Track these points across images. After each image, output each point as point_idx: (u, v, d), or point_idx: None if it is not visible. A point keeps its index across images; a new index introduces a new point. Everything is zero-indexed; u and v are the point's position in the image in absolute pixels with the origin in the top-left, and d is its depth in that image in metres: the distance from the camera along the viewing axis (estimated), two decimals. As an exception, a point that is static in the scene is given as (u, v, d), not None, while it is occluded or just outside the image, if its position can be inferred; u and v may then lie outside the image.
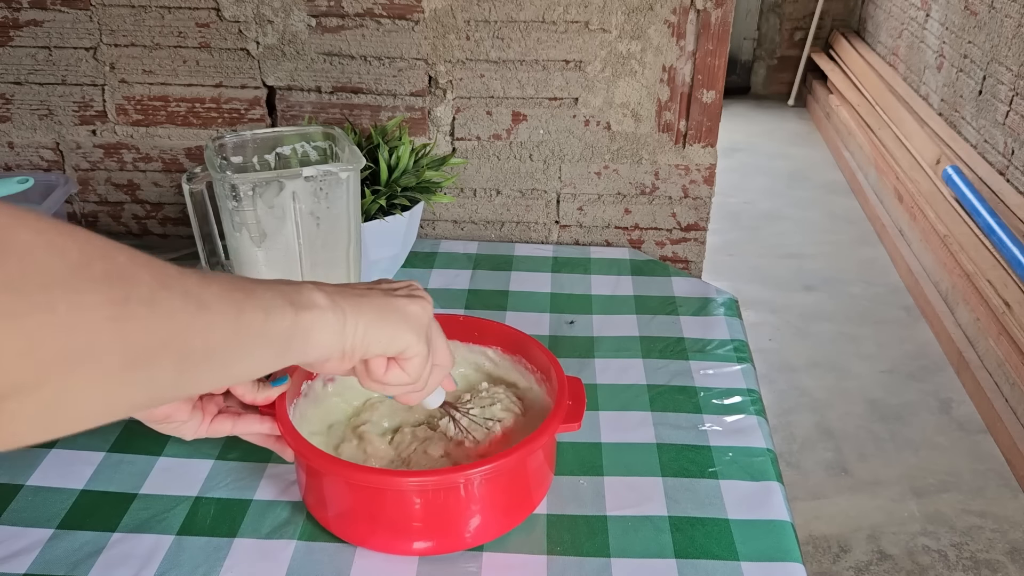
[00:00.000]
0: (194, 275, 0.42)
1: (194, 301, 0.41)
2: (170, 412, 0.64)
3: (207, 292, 0.42)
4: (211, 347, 0.42)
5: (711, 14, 1.09)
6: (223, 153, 0.88)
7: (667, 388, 0.89)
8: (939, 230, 2.63)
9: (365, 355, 0.55)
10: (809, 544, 1.83)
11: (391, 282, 0.60)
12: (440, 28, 1.11)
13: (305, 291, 0.50)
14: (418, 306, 0.57)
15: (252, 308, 0.45)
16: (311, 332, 0.50)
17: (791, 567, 0.68)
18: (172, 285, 0.40)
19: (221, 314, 0.43)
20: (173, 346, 0.39)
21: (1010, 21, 2.62)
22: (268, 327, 0.46)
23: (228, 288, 0.44)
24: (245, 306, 0.45)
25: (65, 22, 1.12)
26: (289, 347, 0.48)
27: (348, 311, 0.52)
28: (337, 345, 0.52)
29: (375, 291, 0.56)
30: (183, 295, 0.40)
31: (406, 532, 0.68)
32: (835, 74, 3.98)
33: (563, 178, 1.19)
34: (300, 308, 0.49)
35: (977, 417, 2.21)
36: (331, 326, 0.51)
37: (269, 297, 0.47)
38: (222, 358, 0.44)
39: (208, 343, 0.42)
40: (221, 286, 0.44)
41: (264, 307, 0.46)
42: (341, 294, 0.53)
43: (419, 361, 0.58)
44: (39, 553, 0.68)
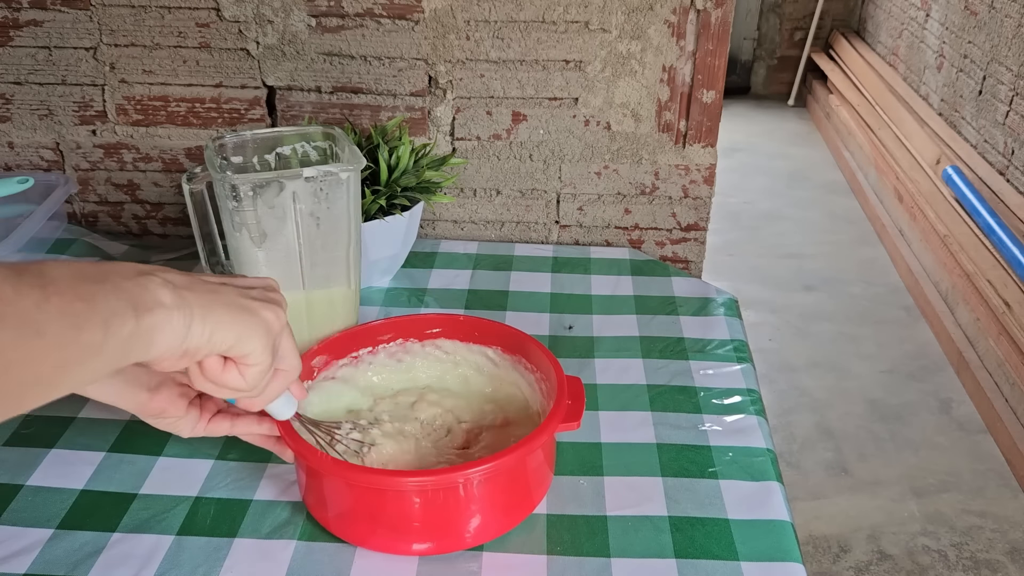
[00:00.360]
0: (34, 292, 0.40)
1: (30, 330, 0.39)
2: (164, 407, 0.64)
3: (44, 314, 0.40)
4: (44, 373, 0.41)
5: (711, 14, 1.09)
6: (223, 153, 0.88)
7: (667, 388, 0.89)
8: (939, 230, 2.63)
9: (207, 355, 0.53)
10: (809, 544, 1.83)
11: (246, 279, 0.58)
12: (440, 28, 1.11)
13: (151, 288, 0.48)
14: (271, 312, 0.55)
15: (91, 324, 0.43)
16: (153, 334, 0.48)
17: (791, 567, 0.68)
18: (6, 315, 0.38)
19: (57, 338, 0.41)
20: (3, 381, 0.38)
21: (1010, 21, 2.62)
22: (107, 340, 0.44)
23: (68, 300, 0.42)
24: (84, 322, 0.43)
25: (65, 22, 1.12)
26: (128, 353, 0.47)
27: (196, 309, 0.50)
28: (179, 345, 0.50)
29: (228, 288, 0.54)
30: (17, 326, 0.39)
31: (406, 532, 0.68)
32: (835, 74, 3.98)
33: (563, 178, 1.19)
34: (143, 311, 0.47)
35: (977, 417, 2.21)
36: (175, 326, 0.49)
37: (112, 303, 0.45)
38: (55, 379, 0.42)
39: (40, 370, 0.41)
40: (61, 300, 0.42)
41: (104, 319, 0.44)
42: (191, 289, 0.50)
43: (259, 370, 0.56)
44: (39, 553, 0.68)
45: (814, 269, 2.89)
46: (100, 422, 0.82)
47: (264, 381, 0.58)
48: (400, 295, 1.06)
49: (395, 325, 0.83)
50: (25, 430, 0.81)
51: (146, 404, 0.63)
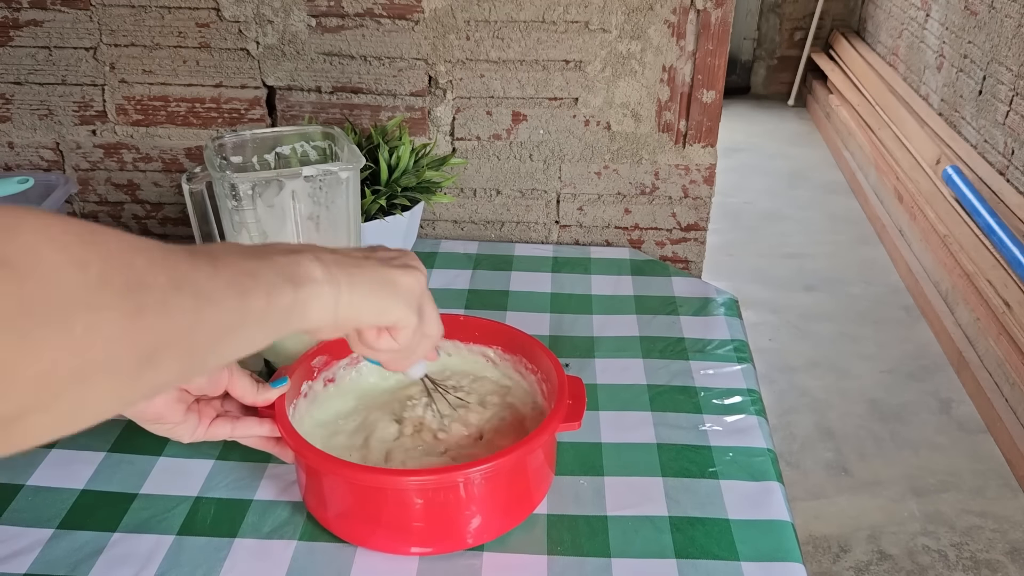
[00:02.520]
0: (205, 266, 0.43)
1: (204, 298, 0.42)
2: (162, 412, 0.64)
3: (216, 285, 0.43)
4: (216, 337, 0.44)
5: (711, 14, 1.09)
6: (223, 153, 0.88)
7: (667, 388, 0.89)
8: (939, 230, 2.63)
9: (357, 325, 0.57)
10: (809, 544, 1.83)
11: (387, 250, 0.61)
12: (440, 28, 1.11)
13: (304, 263, 0.51)
14: (412, 278, 0.58)
15: (256, 293, 0.46)
16: (308, 306, 0.50)
17: (791, 567, 0.68)
18: (184, 285, 0.41)
19: (228, 306, 0.44)
20: (181, 343, 0.41)
21: (1010, 21, 2.62)
22: (270, 309, 0.47)
23: (235, 274, 0.45)
24: (250, 292, 0.46)
25: (65, 22, 1.12)
26: (287, 323, 0.50)
27: (343, 283, 0.53)
28: (331, 317, 0.53)
29: (371, 260, 0.57)
30: (194, 295, 0.41)
31: (406, 532, 0.68)
32: (835, 74, 3.98)
33: (563, 178, 1.19)
34: (298, 284, 0.50)
35: (977, 417, 2.21)
36: (326, 299, 0.52)
37: (271, 277, 0.48)
38: (225, 344, 0.45)
39: (213, 335, 0.43)
40: (230, 273, 0.45)
41: (267, 290, 0.47)
42: (338, 264, 0.53)
43: (409, 332, 0.59)
44: (39, 553, 0.68)
45: (814, 269, 2.89)
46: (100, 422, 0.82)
47: (415, 341, 0.61)
48: (400, 295, 1.05)
49: (395, 325, 0.82)
50: (25, 430, 0.81)
51: (144, 409, 0.63)
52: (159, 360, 0.39)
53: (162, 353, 0.39)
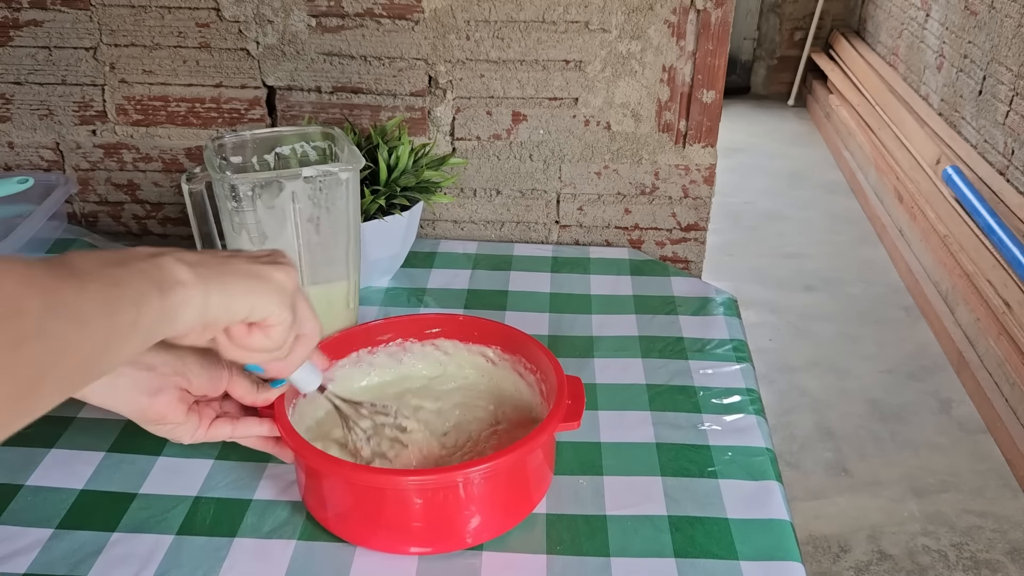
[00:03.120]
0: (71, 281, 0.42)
1: (77, 320, 0.41)
2: (165, 413, 0.64)
3: (85, 301, 0.42)
4: (90, 357, 0.43)
5: (711, 14, 1.09)
6: (222, 153, 0.88)
7: (666, 388, 0.89)
8: (939, 230, 2.63)
9: (227, 324, 0.55)
10: (809, 544, 1.83)
11: (254, 251, 0.60)
12: (440, 28, 1.11)
13: (167, 267, 0.50)
14: (283, 273, 0.57)
15: (125, 306, 0.45)
16: (176, 311, 0.49)
17: (791, 567, 0.68)
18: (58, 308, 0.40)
19: (98, 323, 0.43)
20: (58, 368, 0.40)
21: (1010, 21, 2.62)
22: (139, 320, 0.46)
23: (103, 286, 0.44)
24: (118, 305, 0.45)
25: (65, 22, 1.12)
26: (156, 330, 0.49)
27: (212, 282, 0.52)
28: (200, 318, 0.52)
29: (238, 258, 0.56)
30: (67, 317, 0.41)
31: (405, 531, 0.68)
32: (835, 74, 3.98)
33: (563, 178, 1.19)
34: (165, 290, 0.49)
35: (977, 417, 2.21)
36: (195, 301, 0.51)
37: (137, 285, 0.47)
38: (97, 362, 0.44)
39: (88, 355, 0.43)
40: (96, 286, 0.44)
41: (134, 301, 0.46)
42: (204, 264, 0.52)
43: (282, 329, 0.58)
44: (39, 553, 0.68)
45: (814, 269, 2.89)
46: (100, 422, 0.82)
47: (289, 340, 0.60)
48: (400, 295, 1.06)
49: (394, 325, 0.83)
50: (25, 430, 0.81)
51: (146, 409, 0.63)
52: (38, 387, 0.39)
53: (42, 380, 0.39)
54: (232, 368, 0.68)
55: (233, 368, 0.68)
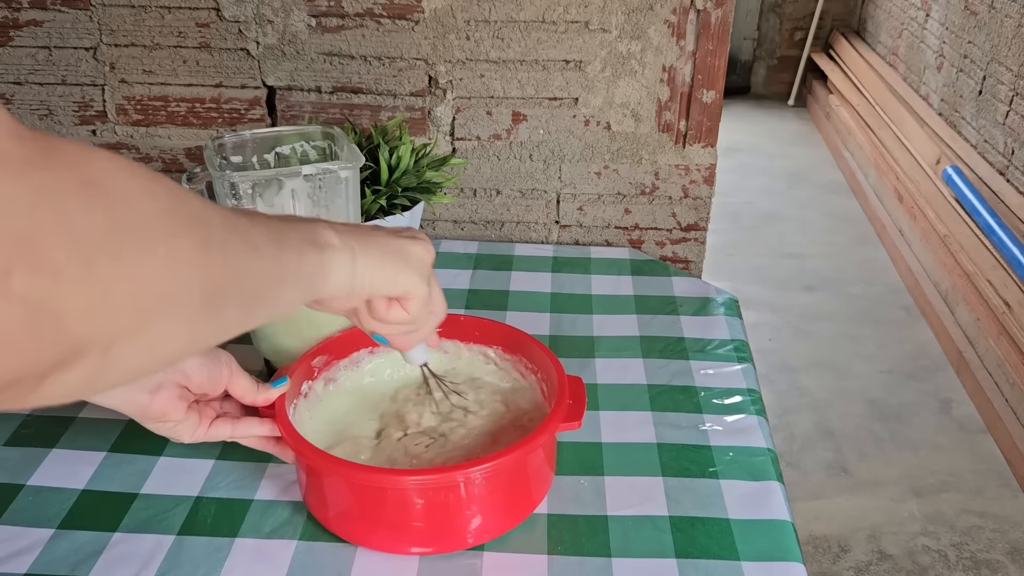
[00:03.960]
0: (244, 216, 0.44)
1: (251, 244, 0.43)
2: (165, 410, 0.64)
3: (257, 235, 0.44)
4: (264, 286, 0.45)
5: (711, 14, 1.09)
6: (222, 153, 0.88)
7: (667, 388, 0.89)
8: (939, 230, 2.63)
9: (370, 294, 0.57)
10: (809, 544, 1.83)
11: (392, 227, 0.61)
12: (440, 28, 1.11)
13: (319, 230, 0.52)
14: (422, 247, 0.59)
15: (289, 250, 0.47)
16: (328, 271, 0.51)
17: (791, 567, 0.68)
18: (234, 228, 0.42)
19: (269, 256, 0.45)
20: (238, 286, 0.42)
21: (1010, 21, 2.62)
22: (300, 268, 0.49)
23: (269, 230, 0.46)
24: (284, 248, 0.47)
25: (65, 22, 1.12)
26: (312, 286, 0.51)
27: (358, 250, 0.54)
28: (347, 283, 0.53)
29: (380, 232, 0.58)
30: (243, 238, 0.43)
31: (406, 531, 0.68)
32: (835, 74, 3.98)
33: (563, 178, 1.19)
34: (320, 248, 0.51)
35: (977, 417, 2.21)
36: (344, 264, 0.53)
37: (297, 238, 0.49)
38: (270, 297, 0.46)
39: (262, 283, 0.45)
40: (265, 228, 0.46)
41: (297, 249, 0.48)
42: (351, 233, 0.54)
43: (420, 302, 0.59)
44: (39, 553, 0.68)
45: (814, 269, 2.89)
46: (101, 422, 0.82)
47: (424, 313, 0.61)
48: (400, 295, 1.05)
49: (395, 325, 0.82)
50: (25, 430, 0.81)
51: (147, 407, 0.63)
52: (221, 301, 0.40)
53: (223, 294, 0.40)
54: (232, 367, 0.68)
55: (233, 367, 0.68)
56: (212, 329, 0.41)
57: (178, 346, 0.39)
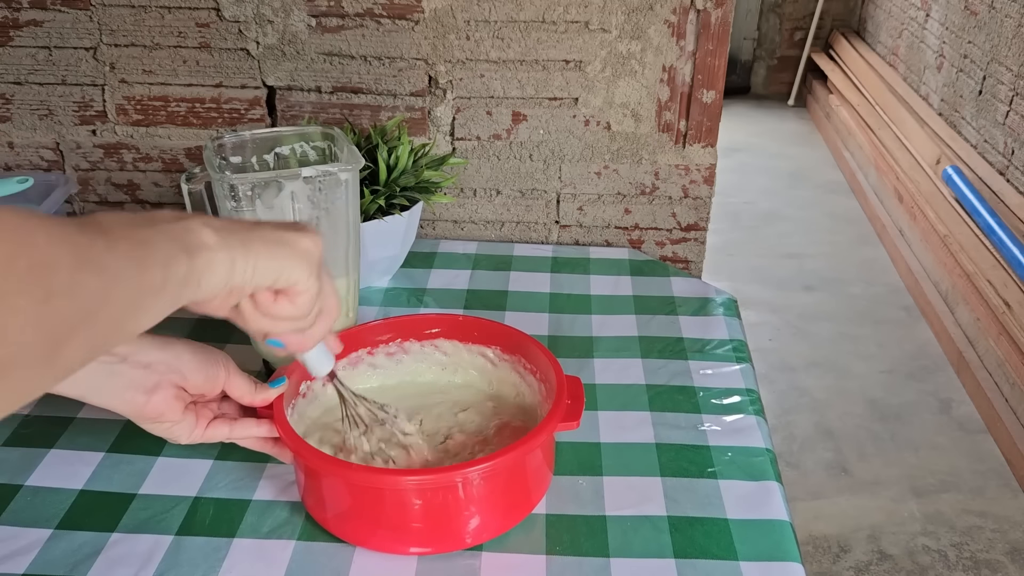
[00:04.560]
0: (101, 238, 0.42)
1: (107, 276, 0.41)
2: (162, 410, 0.64)
3: (116, 259, 0.42)
4: (120, 314, 0.43)
5: (711, 14, 1.09)
6: (222, 153, 0.88)
7: (666, 388, 0.89)
8: (939, 230, 2.63)
9: (254, 287, 0.54)
10: (809, 544, 1.83)
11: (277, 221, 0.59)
12: (440, 28, 1.11)
13: (193, 230, 0.49)
14: (309, 240, 0.56)
15: (152, 265, 0.45)
16: (203, 275, 0.49)
17: (791, 567, 0.68)
18: (87, 263, 0.40)
19: (127, 281, 0.43)
20: (88, 324, 0.40)
21: (1010, 21, 2.62)
22: (167, 281, 0.46)
23: (132, 245, 0.44)
24: (147, 264, 0.45)
25: (65, 22, 1.12)
26: (182, 294, 0.48)
27: (237, 247, 0.51)
28: (226, 283, 0.51)
29: (263, 226, 0.55)
30: (97, 273, 0.40)
31: (405, 532, 0.68)
32: (835, 74, 3.98)
33: (563, 178, 1.19)
34: (192, 252, 0.48)
35: (977, 417, 2.21)
36: (222, 265, 0.50)
37: (165, 247, 0.47)
38: (128, 320, 0.44)
39: (118, 312, 0.42)
40: (127, 245, 0.43)
41: (162, 261, 0.46)
42: (229, 230, 0.52)
43: (309, 297, 0.57)
44: (38, 553, 0.68)
45: (814, 269, 2.89)
46: (99, 422, 0.82)
47: (315, 309, 0.58)
48: (399, 295, 1.06)
49: (394, 325, 0.83)
50: (25, 430, 0.81)
51: (143, 407, 0.63)
52: (68, 344, 0.38)
53: (71, 336, 0.38)
54: (229, 367, 0.68)
55: (230, 367, 0.68)
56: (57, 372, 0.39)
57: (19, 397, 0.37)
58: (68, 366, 0.40)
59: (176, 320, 1.01)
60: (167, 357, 0.64)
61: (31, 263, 0.36)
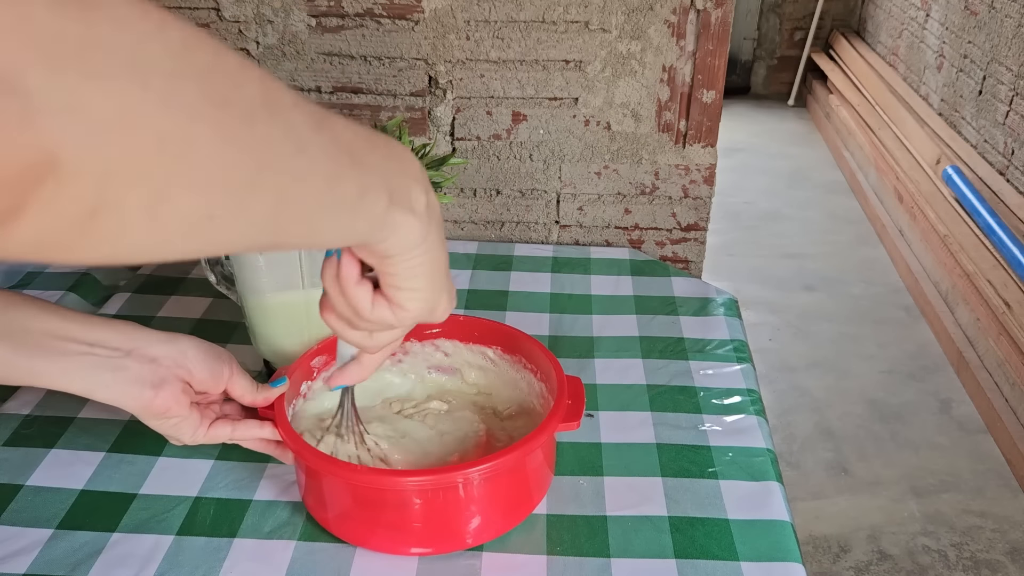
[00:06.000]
0: (306, 110, 0.39)
1: (294, 140, 0.37)
2: (169, 405, 0.64)
3: (312, 137, 0.39)
4: (304, 198, 0.39)
5: (711, 14, 1.09)
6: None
7: (667, 388, 0.89)
8: (939, 230, 2.63)
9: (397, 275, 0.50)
10: (809, 544, 1.83)
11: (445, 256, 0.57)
12: (440, 28, 1.11)
13: (411, 189, 0.47)
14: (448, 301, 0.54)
15: (350, 180, 0.42)
16: (396, 229, 0.46)
17: (791, 567, 0.68)
18: (276, 110, 0.36)
19: (318, 169, 0.39)
20: (269, 179, 0.36)
21: (1010, 21, 2.62)
22: (360, 205, 0.43)
23: (335, 144, 0.41)
24: (344, 174, 0.41)
25: (65, 22, 1.12)
26: (373, 230, 0.46)
27: (432, 239, 0.49)
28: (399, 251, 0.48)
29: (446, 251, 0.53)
30: (284, 127, 0.37)
31: (406, 532, 0.68)
32: (835, 74, 3.98)
33: (563, 178, 1.19)
34: (395, 204, 0.45)
35: (977, 417, 2.21)
36: (414, 236, 0.47)
37: (371, 176, 0.44)
38: (313, 215, 0.41)
39: (302, 193, 0.39)
40: (330, 138, 0.40)
41: (362, 185, 0.43)
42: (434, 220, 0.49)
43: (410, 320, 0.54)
44: (39, 553, 0.68)
45: (814, 269, 2.89)
46: (100, 422, 0.82)
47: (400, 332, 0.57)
48: (400, 295, 1.05)
49: (395, 325, 0.82)
50: (25, 430, 0.81)
51: (150, 402, 0.63)
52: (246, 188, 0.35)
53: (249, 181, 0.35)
54: (233, 366, 0.68)
55: (234, 366, 0.68)
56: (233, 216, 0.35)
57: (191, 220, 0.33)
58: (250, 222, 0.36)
59: (177, 320, 1.01)
60: (173, 352, 0.65)
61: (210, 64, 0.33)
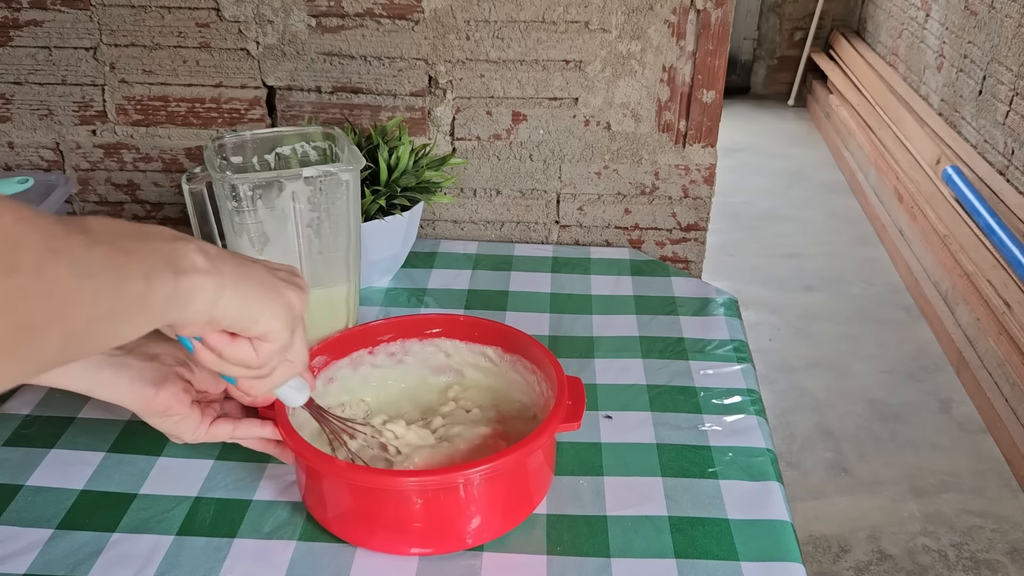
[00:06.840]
0: (79, 235, 0.41)
1: (81, 269, 0.40)
2: (170, 403, 0.64)
3: (92, 257, 0.41)
4: (95, 316, 0.41)
5: (711, 14, 1.09)
6: (223, 153, 0.88)
7: (667, 388, 0.89)
8: (939, 230, 2.63)
9: (229, 327, 0.54)
10: (809, 544, 1.83)
11: (272, 264, 0.59)
12: (440, 28, 1.11)
13: (187, 253, 0.49)
14: (295, 294, 0.56)
15: (135, 275, 0.44)
16: (190, 296, 0.49)
17: (791, 567, 0.68)
18: (59, 250, 0.39)
19: (106, 282, 0.42)
20: (59, 317, 0.38)
21: (1010, 21, 2.62)
22: (149, 294, 0.45)
23: (112, 251, 0.43)
24: (129, 272, 0.44)
25: (65, 22, 1.12)
26: (167, 312, 0.48)
27: (228, 279, 0.51)
28: (209, 311, 0.51)
29: (257, 265, 0.55)
30: (70, 263, 0.39)
31: (406, 532, 0.68)
32: (835, 74, 3.98)
33: (563, 178, 1.19)
34: (180, 273, 0.48)
35: (977, 417, 2.21)
36: (208, 291, 0.50)
37: (151, 261, 0.46)
38: (105, 326, 0.43)
39: (93, 313, 0.41)
40: (106, 249, 0.42)
41: (145, 273, 0.45)
42: (224, 260, 0.51)
43: (274, 348, 0.56)
44: (39, 553, 0.68)
45: (814, 269, 2.89)
46: (100, 422, 0.82)
47: (273, 361, 0.58)
48: (400, 295, 1.06)
49: (395, 325, 0.83)
50: (25, 430, 0.81)
51: (152, 400, 0.63)
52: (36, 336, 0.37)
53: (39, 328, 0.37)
54: None
55: None
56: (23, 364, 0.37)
57: None
58: (39, 360, 0.38)
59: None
60: (174, 349, 0.65)
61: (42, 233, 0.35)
